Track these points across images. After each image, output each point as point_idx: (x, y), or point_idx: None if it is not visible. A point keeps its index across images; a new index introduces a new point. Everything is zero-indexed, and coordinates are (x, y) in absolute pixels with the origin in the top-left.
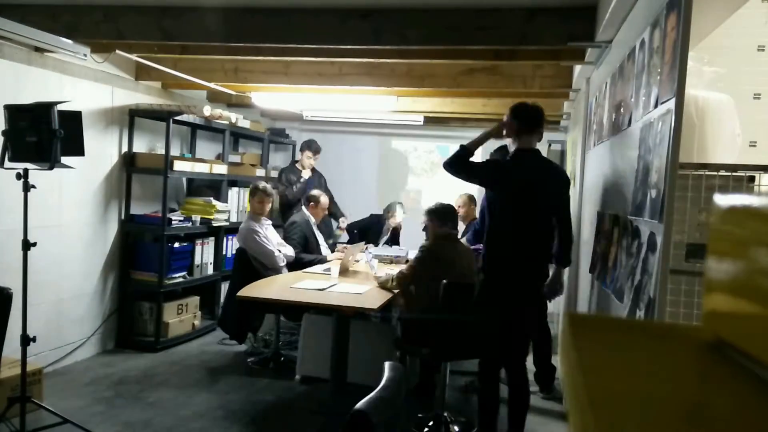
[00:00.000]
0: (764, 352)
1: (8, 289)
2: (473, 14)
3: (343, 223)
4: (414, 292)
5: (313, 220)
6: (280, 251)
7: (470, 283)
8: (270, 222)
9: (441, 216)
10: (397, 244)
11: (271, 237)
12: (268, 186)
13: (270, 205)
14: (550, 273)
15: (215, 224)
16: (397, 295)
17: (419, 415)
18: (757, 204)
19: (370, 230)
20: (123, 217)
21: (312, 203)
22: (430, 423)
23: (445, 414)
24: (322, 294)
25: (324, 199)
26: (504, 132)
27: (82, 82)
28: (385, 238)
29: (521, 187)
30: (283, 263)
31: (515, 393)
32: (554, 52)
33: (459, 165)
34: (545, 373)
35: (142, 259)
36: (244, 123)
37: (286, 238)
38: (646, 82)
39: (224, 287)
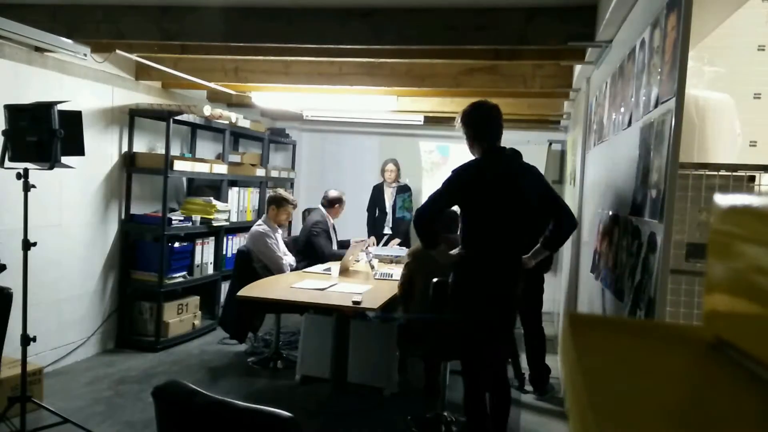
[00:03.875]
0: (764, 352)
1: (8, 289)
2: (473, 14)
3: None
4: (412, 293)
5: (331, 221)
6: (284, 260)
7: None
8: (281, 231)
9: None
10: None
11: (280, 245)
12: (291, 199)
13: (285, 217)
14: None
15: (215, 224)
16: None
17: (419, 415)
18: (757, 204)
19: (379, 199)
20: (123, 217)
21: (337, 205)
22: (431, 422)
23: (445, 414)
24: (322, 294)
25: (345, 198)
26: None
27: (82, 81)
28: (390, 201)
29: (491, 191)
30: (287, 271)
31: (497, 396)
32: (554, 52)
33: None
34: (539, 374)
35: (142, 259)
36: (244, 123)
37: (312, 236)
38: (647, 81)
39: (224, 287)
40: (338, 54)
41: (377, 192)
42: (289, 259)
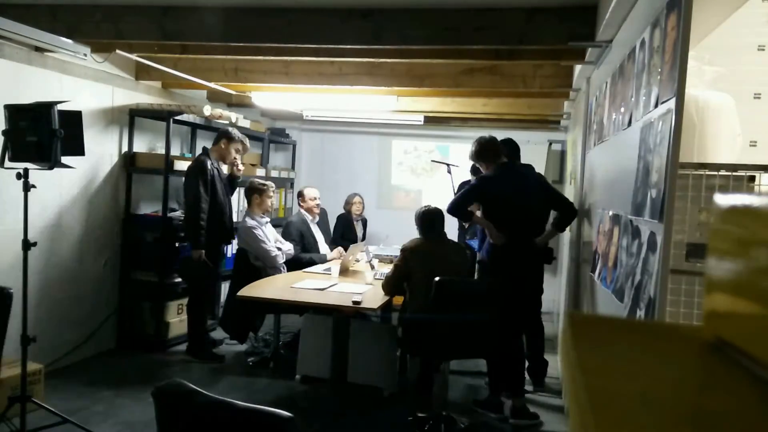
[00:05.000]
0: (764, 352)
1: (8, 289)
2: (473, 14)
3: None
4: (408, 291)
5: (309, 218)
6: (279, 249)
7: (461, 279)
8: (268, 219)
9: (420, 223)
10: (364, 238)
11: (269, 235)
12: (267, 182)
13: (270, 200)
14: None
15: None
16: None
17: (419, 415)
18: (757, 204)
19: (348, 229)
20: (123, 216)
21: (299, 199)
22: (431, 422)
23: (445, 413)
24: (322, 294)
25: (309, 191)
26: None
27: (82, 82)
28: (361, 232)
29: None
30: (282, 260)
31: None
32: (554, 52)
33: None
34: (538, 366)
35: (143, 259)
36: (244, 123)
37: (285, 237)
38: (647, 81)
39: (224, 287)
40: (338, 54)
41: (346, 223)
42: (284, 246)
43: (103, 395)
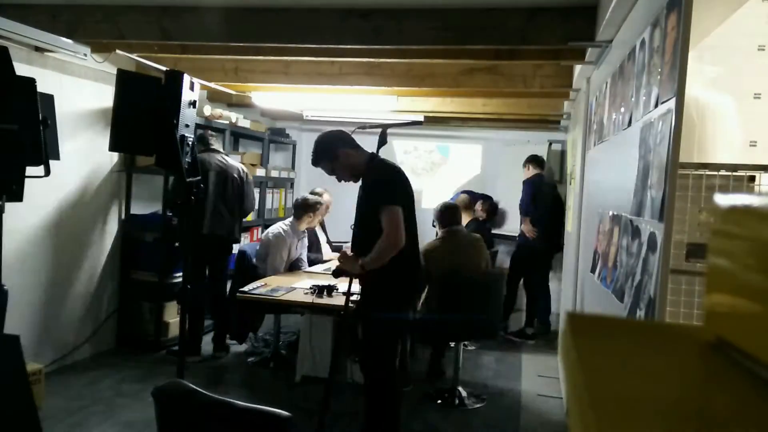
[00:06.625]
0: (764, 352)
1: (3, 286)
2: (473, 14)
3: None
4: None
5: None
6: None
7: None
8: (305, 234)
9: (440, 217)
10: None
11: (301, 249)
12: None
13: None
14: None
15: None
16: None
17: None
18: (758, 204)
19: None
20: (123, 217)
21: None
22: (445, 395)
23: (459, 388)
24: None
25: (327, 197)
26: None
27: (82, 81)
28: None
29: None
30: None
31: None
32: (554, 52)
33: None
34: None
35: (143, 259)
36: (245, 123)
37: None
38: (647, 81)
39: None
40: (338, 54)
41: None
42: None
43: (103, 395)
